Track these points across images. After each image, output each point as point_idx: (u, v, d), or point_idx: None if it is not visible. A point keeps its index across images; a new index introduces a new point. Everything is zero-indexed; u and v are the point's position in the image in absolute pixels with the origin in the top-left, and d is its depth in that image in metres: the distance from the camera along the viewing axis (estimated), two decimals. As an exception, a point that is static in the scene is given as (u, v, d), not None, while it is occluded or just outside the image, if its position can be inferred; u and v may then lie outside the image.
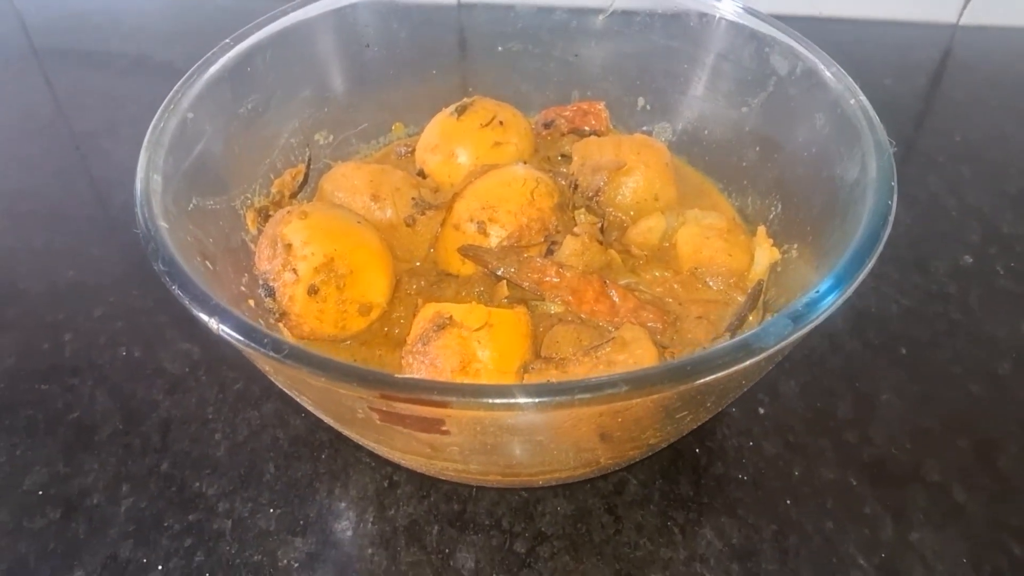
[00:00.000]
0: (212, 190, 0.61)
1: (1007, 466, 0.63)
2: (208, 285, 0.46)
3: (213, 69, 0.62)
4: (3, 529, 0.61)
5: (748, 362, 0.40)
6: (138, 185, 0.51)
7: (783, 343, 0.41)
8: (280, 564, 0.59)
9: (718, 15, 0.69)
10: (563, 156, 0.74)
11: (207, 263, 0.54)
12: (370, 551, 0.59)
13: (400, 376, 0.41)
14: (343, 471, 0.64)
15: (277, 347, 0.41)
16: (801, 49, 0.62)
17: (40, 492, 0.63)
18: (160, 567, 0.59)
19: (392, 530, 0.61)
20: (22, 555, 0.60)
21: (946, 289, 0.77)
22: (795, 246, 0.61)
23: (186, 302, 0.44)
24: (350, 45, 0.73)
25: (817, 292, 0.43)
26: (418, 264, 0.66)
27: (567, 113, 0.78)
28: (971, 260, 0.80)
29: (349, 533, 0.61)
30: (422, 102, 0.78)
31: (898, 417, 0.67)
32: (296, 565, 0.59)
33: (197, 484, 0.64)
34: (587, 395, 0.39)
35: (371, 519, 0.61)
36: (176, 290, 0.45)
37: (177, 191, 0.54)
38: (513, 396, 0.39)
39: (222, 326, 0.42)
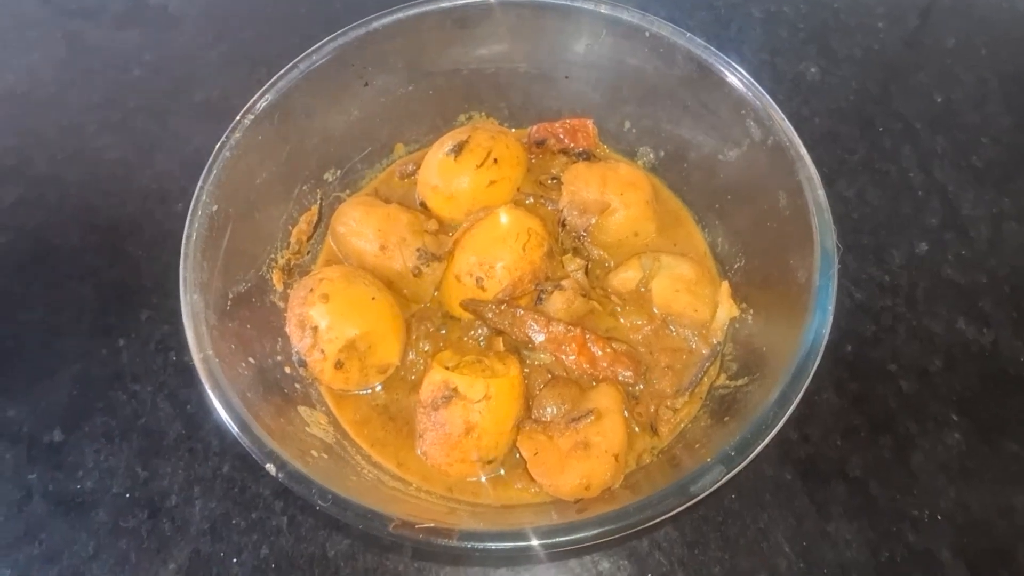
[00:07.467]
0: (242, 270, 0.69)
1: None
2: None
3: (226, 152, 0.67)
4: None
5: (683, 507, 0.53)
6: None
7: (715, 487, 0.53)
8: (329, 555, 0.74)
9: (711, 65, 0.71)
10: (554, 179, 0.81)
11: (250, 359, 0.64)
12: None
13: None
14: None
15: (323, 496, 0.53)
16: (776, 122, 0.67)
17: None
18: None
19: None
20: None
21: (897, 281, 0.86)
22: (751, 312, 0.70)
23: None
24: (351, 83, 0.76)
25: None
26: (425, 305, 0.76)
27: (558, 130, 0.82)
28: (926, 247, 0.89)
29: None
30: (421, 119, 0.82)
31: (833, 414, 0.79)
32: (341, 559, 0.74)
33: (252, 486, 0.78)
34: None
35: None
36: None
37: (216, 298, 0.63)
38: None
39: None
